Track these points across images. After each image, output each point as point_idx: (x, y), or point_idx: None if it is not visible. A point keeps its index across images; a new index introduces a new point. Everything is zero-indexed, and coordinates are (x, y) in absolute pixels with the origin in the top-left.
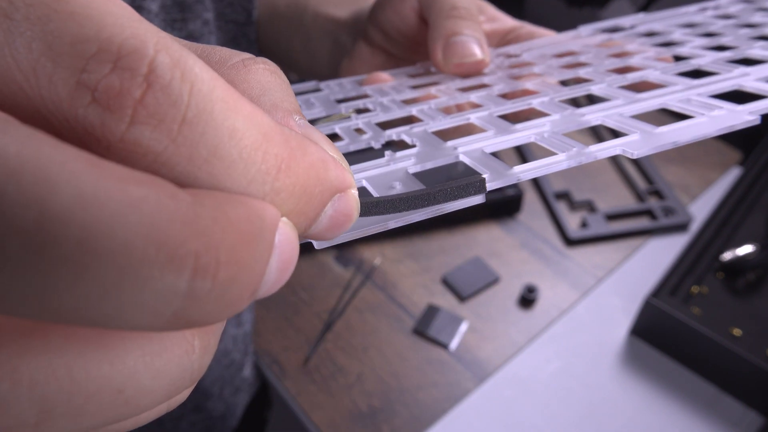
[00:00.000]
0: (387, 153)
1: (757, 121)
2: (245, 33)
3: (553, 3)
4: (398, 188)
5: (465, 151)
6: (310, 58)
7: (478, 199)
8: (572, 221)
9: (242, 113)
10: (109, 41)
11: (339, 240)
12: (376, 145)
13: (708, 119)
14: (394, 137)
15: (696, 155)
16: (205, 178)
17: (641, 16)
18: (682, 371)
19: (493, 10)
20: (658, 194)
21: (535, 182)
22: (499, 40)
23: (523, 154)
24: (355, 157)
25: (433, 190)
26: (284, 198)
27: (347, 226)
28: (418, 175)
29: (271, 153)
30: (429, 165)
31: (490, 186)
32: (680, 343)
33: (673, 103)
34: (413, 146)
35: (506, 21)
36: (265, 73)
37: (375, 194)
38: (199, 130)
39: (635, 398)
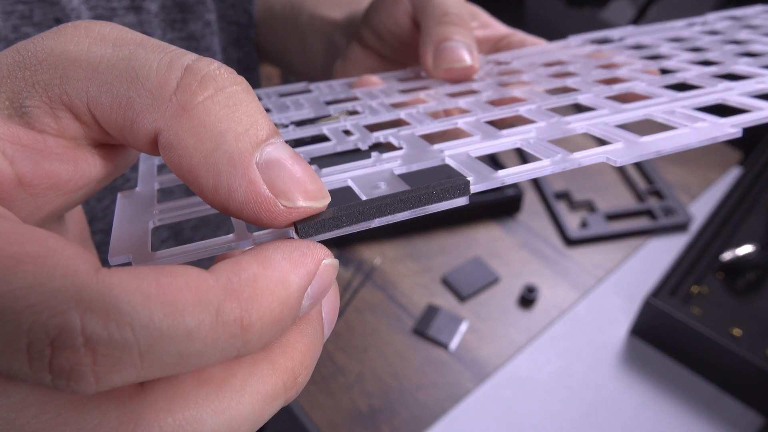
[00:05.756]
0: (373, 154)
1: (739, 134)
2: (248, 35)
3: (553, 3)
4: (383, 188)
5: (451, 154)
6: (305, 58)
7: (462, 201)
8: (572, 221)
9: (188, 311)
10: (33, 331)
11: (321, 238)
12: (363, 147)
13: (691, 130)
14: (382, 139)
15: (696, 155)
16: (181, 374)
17: (630, 29)
18: (682, 371)
19: (486, 17)
20: (658, 194)
21: (535, 182)
22: (491, 46)
23: (523, 155)
24: (341, 157)
25: (418, 192)
26: (259, 340)
27: (328, 290)
28: (403, 177)
29: (229, 321)
30: (415, 167)
31: (474, 188)
32: (680, 343)
33: (658, 114)
34: (400, 148)
35: (499, 28)
36: (209, 106)
37: (360, 193)
38: (158, 352)
39: (635, 398)
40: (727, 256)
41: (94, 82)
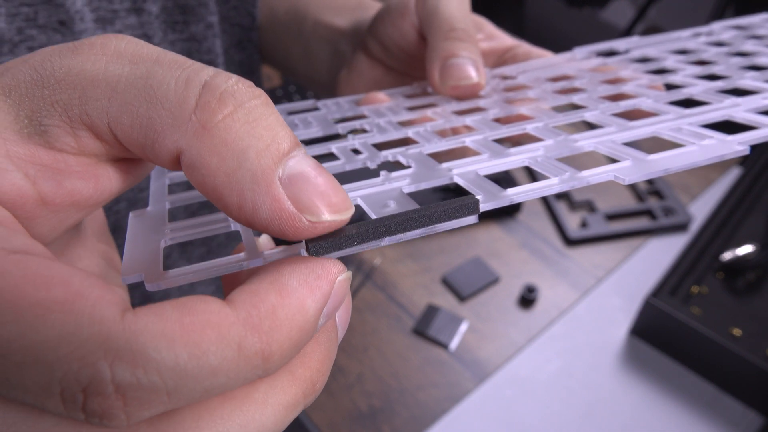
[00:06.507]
0: (382, 173)
1: (747, 152)
2: (250, 38)
3: (553, 3)
4: (392, 206)
5: (459, 173)
6: (309, 64)
7: (471, 220)
8: (572, 221)
9: (211, 350)
10: (66, 380)
11: (335, 256)
12: (372, 166)
13: (699, 148)
14: (390, 158)
15: None
16: (208, 400)
17: (635, 40)
18: (682, 371)
19: (491, 28)
20: (658, 194)
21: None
22: (497, 58)
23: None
24: (350, 176)
25: (427, 211)
26: (279, 365)
27: (342, 303)
28: (412, 195)
29: (251, 354)
30: (423, 185)
31: (483, 207)
32: (680, 343)
33: (665, 132)
34: (408, 167)
35: (504, 39)
36: (229, 123)
37: (369, 211)
38: (185, 389)
39: (635, 398)
40: (727, 256)
41: (113, 102)
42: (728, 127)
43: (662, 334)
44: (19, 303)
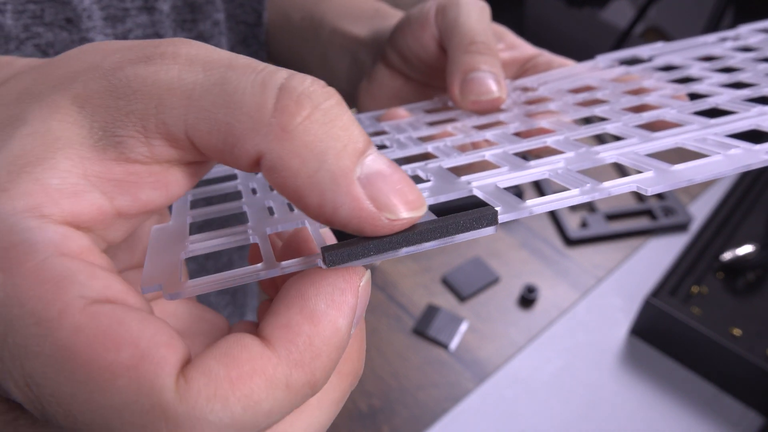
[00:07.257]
0: None
1: None
2: (255, 34)
3: (553, 3)
4: None
5: (479, 185)
6: (327, 72)
7: (489, 231)
8: (572, 221)
9: (263, 398)
10: None
11: (350, 266)
12: None
13: (724, 158)
14: (409, 172)
15: None
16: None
17: (659, 46)
18: (682, 371)
19: (512, 37)
20: (658, 194)
21: (535, 182)
22: (518, 68)
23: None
24: None
25: (445, 223)
26: (324, 383)
27: (367, 303)
28: (431, 207)
29: (298, 387)
30: (442, 198)
31: (502, 219)
32: (680, 343)
33: (689, 143)
34: (427, 180)
35: (525, 49)
36: (308, 126)
37: None
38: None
39: (635, 398)
40: (727, 256)
41: (190, 109)
42: (755, 137)
43: (662, 334)
44: (90, 364)
